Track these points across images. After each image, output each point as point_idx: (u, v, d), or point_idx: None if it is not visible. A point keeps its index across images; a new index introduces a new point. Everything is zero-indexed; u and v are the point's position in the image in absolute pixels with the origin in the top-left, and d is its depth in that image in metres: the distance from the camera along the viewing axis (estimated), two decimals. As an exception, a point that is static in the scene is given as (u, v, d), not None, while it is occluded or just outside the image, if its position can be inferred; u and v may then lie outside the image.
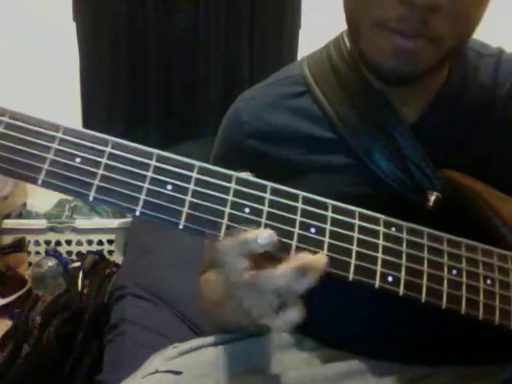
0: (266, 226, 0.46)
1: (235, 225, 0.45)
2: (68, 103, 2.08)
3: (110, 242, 2.00)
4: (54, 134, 0.44)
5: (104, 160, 0.44)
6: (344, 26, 0.63)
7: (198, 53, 2.16)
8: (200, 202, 0.45)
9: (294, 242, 0.46)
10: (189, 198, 0.45)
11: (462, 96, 0.64)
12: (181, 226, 0.44)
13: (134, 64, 2.15)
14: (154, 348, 0.70)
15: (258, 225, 0.45)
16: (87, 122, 2.11)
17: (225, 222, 0.45)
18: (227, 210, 0.45)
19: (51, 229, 1.96)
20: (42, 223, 1.96)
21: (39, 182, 0.43)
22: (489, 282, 0.52)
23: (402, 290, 0.49)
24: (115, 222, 2.01)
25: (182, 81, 2.18)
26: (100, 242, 2.00)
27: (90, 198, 0.43)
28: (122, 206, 0.44)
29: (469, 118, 0.64)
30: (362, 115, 0.63)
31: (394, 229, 0.50)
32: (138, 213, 0.44)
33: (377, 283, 0.48)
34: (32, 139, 0.43)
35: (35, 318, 1.42)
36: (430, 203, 0.58)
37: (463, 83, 0.65)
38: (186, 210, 0.44)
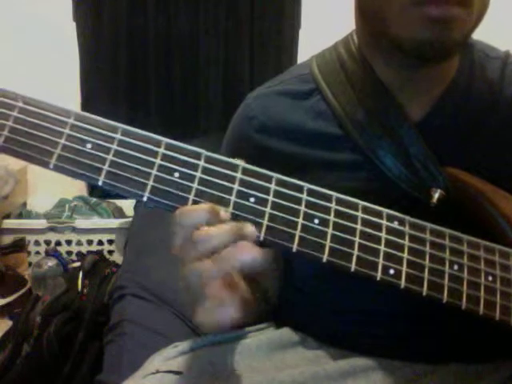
0: (271, 215, 0.46)
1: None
2: (68, 103, 2.07)
3: (110, 241, 2.00)
4: (66, 119, 0.45)
5: (114, 146, 0.45)
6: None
7: (198, 53, 2.16)
8: (206, 189, 0.46)
9: (298, 232, 0.47)
10: (195, 185, 0.45)
11: (468, 96, 0.65)
12: None
13: (134, 64, 2.16)
14: (154, 348, 0.70)
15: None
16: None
17: (230, 210, 0.46)
18: (233, 198, 0.46)
19: (51, 229, 1.96)
20: (42, 223, 1.96)
21: (51, 165, 0.44)
22: (490, 278, 0.53)
23: (403, 283, 0.49)
24: (115, 222, 2.01)
25: (182, 81, 2.18)
26: (100, 242, 2.00)
27: (100, 183, 0.44)
28: (130, 192, 0.45)
29: (474, 117, 0.64)
30: (368, 112, 0.63)
31: (396, 223, 0.51)
32: (145, 198, 0.45)
33: (378, 275, 0.48)
34: (44, 124, 0.44)
35: (35, 318, 1.42)
36: (434, 200, 0.59)
37: (470, 83, 0.65)
38: (192, 197, 0.45)
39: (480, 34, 0.67)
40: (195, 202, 0.45)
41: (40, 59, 2.04)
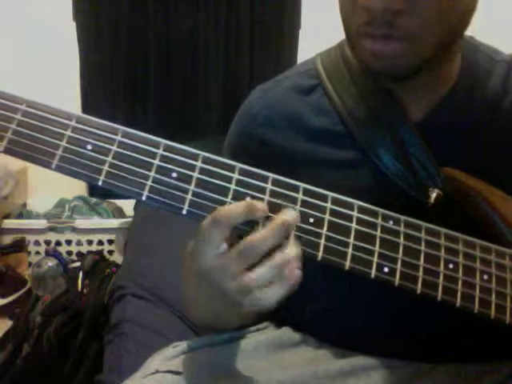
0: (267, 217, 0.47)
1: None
2: (68, 103, 2.08)
3: (110, 241, 2.00)
4: (68, 122, 0.46)
5: (114, 147, 0.46)
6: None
7: (198, 53, 2.16)
8: (203, 190, 0.47)
9: (293, 231, 0.47)
10: (193, 185, 0.47)
11: (471, 98, 0.65)
12: (184, 212, 0.47)
13: (133, 64, 2.16)
14: (154, 348, 0.70)
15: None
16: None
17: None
18: (229, 199, 0.47)
19: (51, 229, 1.96)
20: (42, 223, 1.96)
21: (53, 166, 0.45)
22: (485, 277, 0.53)
23: (397, 281, 0.50)
24: (115, 222, 2.01)
25: (182, 81, 2.18)
26: (100, 242, 2.00)
27: (100, 183, 0.46)
28: (129, 191, 0.46)
29: (476, 120, 0.64)
30: (370, 110, 0.64)
31: (391, 222, 0.51)
32: (144, 197, 0.46)
33: (373, 273, 0.49)
34: (47, 126, 0.46)
35: (35, 318, 1.42)
36: (431, 200, 0.59)
37: (473, 86, 0.65)
38: (189, 196, 0.47)
39: (481, 35, 0.67)
40: (193, 202, 0.46)
41: (40, 59, 2.04)
